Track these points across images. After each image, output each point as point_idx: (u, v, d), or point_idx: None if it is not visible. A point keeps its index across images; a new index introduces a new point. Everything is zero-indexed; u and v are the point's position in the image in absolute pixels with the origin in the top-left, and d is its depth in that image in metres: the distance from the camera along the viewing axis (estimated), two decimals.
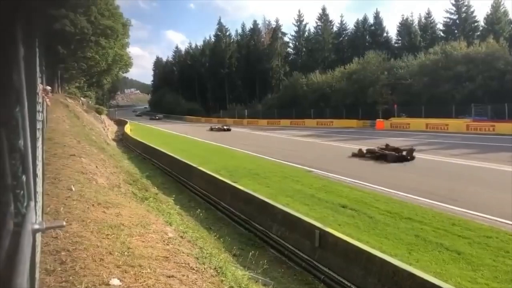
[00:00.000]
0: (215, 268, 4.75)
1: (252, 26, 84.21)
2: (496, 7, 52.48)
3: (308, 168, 16.65)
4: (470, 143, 24.06)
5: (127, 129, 39.26)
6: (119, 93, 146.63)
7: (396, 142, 23.53)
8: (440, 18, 62.39)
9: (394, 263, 5.68)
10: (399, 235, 8.33)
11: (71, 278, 3.23)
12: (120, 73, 61.20)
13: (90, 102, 55.24)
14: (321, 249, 7.14)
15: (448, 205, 10.12)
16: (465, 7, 57.18)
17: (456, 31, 55.98)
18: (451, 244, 7.55)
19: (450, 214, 9.35)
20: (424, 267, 6.51)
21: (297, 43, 77.72)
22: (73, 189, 6.59)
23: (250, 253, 7.07)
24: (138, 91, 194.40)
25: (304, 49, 75.75)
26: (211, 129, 45.38)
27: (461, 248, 7.32)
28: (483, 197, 10.79)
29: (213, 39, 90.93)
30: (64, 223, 2.28)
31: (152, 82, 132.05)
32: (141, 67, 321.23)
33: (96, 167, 10.07)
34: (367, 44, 64.31)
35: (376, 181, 13.43)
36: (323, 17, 73.23)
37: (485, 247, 7.32)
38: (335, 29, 73.36)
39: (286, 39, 79.65)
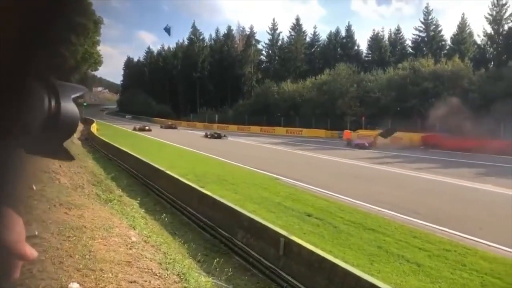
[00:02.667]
0: (178, 274, 4.69)
1: (226, 32, 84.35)
2: (462, 28, 54.67)
3: (276, 176, 16.73)
4: (431, 157, 24.78)
5: (93, 128, 38.40)
6: (87, 91, 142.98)
7: (364, 154, 23.97)
8: (409, 34, 64.44)
9: (357, 273, 5.77)
10: (362, 245, 8.47)
11: (27, 281, 3.12)
12: (89, 71, 59.85)
13: None
14: (285, 257, 7.16)
15: (410, 217, 10.37)
16: (434, 26, 59.28)
17: (424, 48, 57.86)
18: (412, 256, 7.74)
19: (412, 227, 9.59)
20: (385, 278, 6.64)
21: (270, 51, 78.32)
22: (34, 188, 6.39)
23: (215, 260, 7.03)
24: (107, 90, 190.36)
25: (277, 58, 76.39)
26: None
27: (421, 261, 7.51)
28: (445, 211, 11.13)
29: (186, 42, 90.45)
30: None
31: (121, 82, 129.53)
32: (110, 66, 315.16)
33: (60, 166, 9.79)
34: (338, 56, 65.64)
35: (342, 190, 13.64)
36: (297, 27, 74.23)
37: (443, 260, 7.53)
38: (308, 39, 74.42)
39: (259, 46, 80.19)
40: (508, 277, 6.80)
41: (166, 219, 9.89)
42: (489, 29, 50.47)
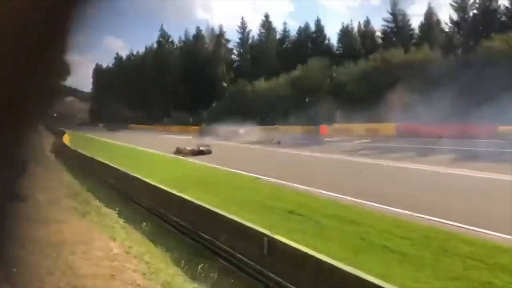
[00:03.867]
0: (162, 284, 4.62)
1: (195, 33, 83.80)
2: (429, 17, 55.84)
3: (256, 175, 16.71)
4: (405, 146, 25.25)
5: (65, 139, 37.58)
6: (57, 101, 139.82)
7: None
8: (378, 26, 65.33)
9: (342, 267, 5.80)
10: (345, 238, 8.53)
11: None
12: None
13: None
14: (270, 256, 7.14)
15: (391, 207, 10.52)
16: (401, 16, 60.26)
17: (394, 39, 58.73)
18: (395, 245, 7.84)
19: (394, 217, 9.72)
20: (370, 269, 6.67)
21: (241, 50, 78.27)
22: None
23: (200, 265, 6.96)
24: (78, 99, 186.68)
25: (248, 56, 76.38)
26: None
27: (404, 249, 7.62)
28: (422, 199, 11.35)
29: (155, 46, 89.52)
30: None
31: (91, 90, 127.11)
32: (79, 75, 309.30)
33: (33, 181, 9.52)
34: (309, 51, 65.91)
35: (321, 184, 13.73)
36: (266, 24, 74.39)
37: (426, 247, 7.66)
38: (278, 36, 74.68)
39: (230, 45, 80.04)
40: (488, 258, 6.96)
41: (147, 227, 9.74)
42: (455, 17, 51.79)
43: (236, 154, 26.00)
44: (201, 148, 26.04)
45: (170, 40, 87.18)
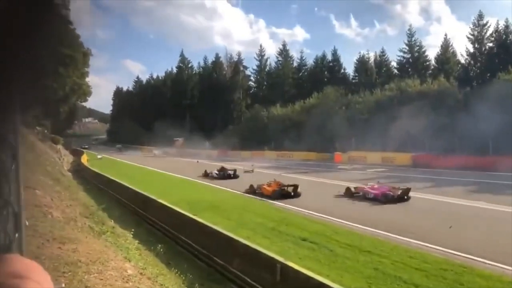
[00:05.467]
0: None
1: (214, 59, 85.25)
2: (445, 48, 55.91)
3: (270, 201, 16.69)
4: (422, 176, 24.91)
5: (84, 159, 38.21)
6: (76, 122, 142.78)
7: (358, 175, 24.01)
8: (394, 56, 65.53)
9: None
10: (358, 268, 8.44)
11: None
12: (78, 102, 59.92)
13: (46, 131, 53.45)
14: (282, 283, 7.10)
15: (404, 237, 10.39)
16: (417, 47, 60.45)
17: (409, 69, 58.76)
18: (409, 277, 7.73)
19: (407, 247, 9.59)
20: None
21: (258, 77, 79.24)
22: (27, 223, 6.31)
23: None
24: (97, 120, 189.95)
25: (265, 83, 77.28)
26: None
27: (418, 281, 7.50)
28: (437, 230, 11.17)
29: (175, 70, 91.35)
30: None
31: (111, 112, 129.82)
32: (99, 96, 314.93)
33: (51, 199, 9.71)
34: (325, 79, 66.37)
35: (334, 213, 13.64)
36: (284, 52, 75.43)
37: (441, 279, 7.53)
38: (295, 64, 75.51)
39: (247, 72, 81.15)
40: None
41: (161, 250, 9.76)
42: (471, 49, 51.77)
43: None
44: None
45: (189, 65, 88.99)
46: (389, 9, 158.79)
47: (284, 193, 17.63)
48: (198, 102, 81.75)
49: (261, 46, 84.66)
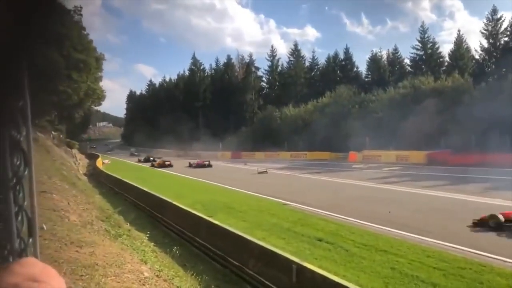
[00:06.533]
0: None
1: (226, 61, 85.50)
2: (459, 44, 55.19)
3: (284, 201, 16.66)
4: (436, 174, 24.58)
5: (99, 163, 38.63)
6: (91, 126, 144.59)
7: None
8: (407, 53, 64.94)
9: None
10: (375, 268, 8.36)
11: None
12: (93, 106, 60.66)
13: (61, 135, 54.21)
14: (298, 284, 7.07)
15: (422, 236, 10.27)
16: (431, 44, 59.80)
17: (423, 66, 58.17)
18: (427, 276, 7.63)
19: (424, 246, 9.48)
20: None
21: (270, 78, 79.20)
22: (45, 227, 6.40)
23: None
24: (111, 124, 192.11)
25: (277, 83, 77.20)
26: None
27: (436, 280, 7.40)
28: (452, 228, 11.01)
29: (187, 73, 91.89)
30: None
31: (125, 115, 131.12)
32: (113, 100, 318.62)
33: (68, 203, 9.83)
34: (338, 78, 66.06)
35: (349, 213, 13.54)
36: (295, 52, 75.30)
37: (460, 278, 7.41)
38: (307, 63, 75.30)
39: (259, 73, 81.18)
40: None
41: (177, 252, 9.80)
42: (485, 44, 51.04)
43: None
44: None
45: (201, 67, 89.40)
46: (400, 6, 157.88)
47: None
48: (210, 104, 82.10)
49: (272, 46, 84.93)
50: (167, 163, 43.11)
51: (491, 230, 10.43)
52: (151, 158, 50.62)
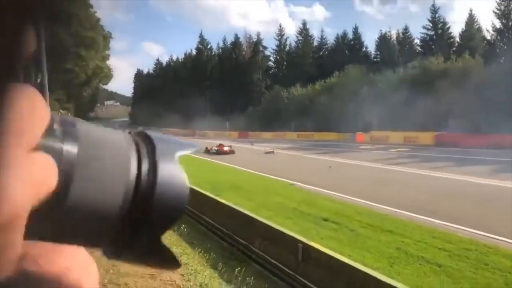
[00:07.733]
0: (200, 285, 4.74)
1: (233, 40, 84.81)
2: (470, 24, 54.18)
3: (291, 181, 16.73)
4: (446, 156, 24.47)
5: None
6: (98, 105, 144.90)
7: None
8: (417, 33, 64.06)
9: (377, 276, 5.74)
10: (380, 248, 8.43)
11: None
12: (100, 85, 60.75)
13: (69, 114, 54.43)
14: (304, 263, 7.15)
15: (427, 217, 10.30)
16: (441, 24, 58.77)
17: (433, 47, 57.31)
18: (432, 256, 7.68)
19: (431, 227, 9.51)
20: (406, 280, 6.60)
21: (278, 57, 78.56)
22: None
23: (236, 268, 7.04)
24: (118, 103, 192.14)
25: (285, 63, 76.60)
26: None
27: (441, 261, 7.45)
28: (458, 208, 11.02)
29: (194, 52, 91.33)
30: None
31: (132, 94, 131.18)
32: (120, 79, 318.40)
33: None
34: (346, 58, 65.31)
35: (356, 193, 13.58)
36: (304, 31, 74.47)
37: (465, 259, 7.46)
38: (315, 43, 74.48)
39: (267, 52, 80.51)
40: None
41: (185, 230, 9.92)
42: (498, 24, 50.06)
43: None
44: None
45: (208, 46, 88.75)
46: None
47: None
48: (218, 83, 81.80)
49: (280, 25, 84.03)
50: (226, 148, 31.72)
51: None
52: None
